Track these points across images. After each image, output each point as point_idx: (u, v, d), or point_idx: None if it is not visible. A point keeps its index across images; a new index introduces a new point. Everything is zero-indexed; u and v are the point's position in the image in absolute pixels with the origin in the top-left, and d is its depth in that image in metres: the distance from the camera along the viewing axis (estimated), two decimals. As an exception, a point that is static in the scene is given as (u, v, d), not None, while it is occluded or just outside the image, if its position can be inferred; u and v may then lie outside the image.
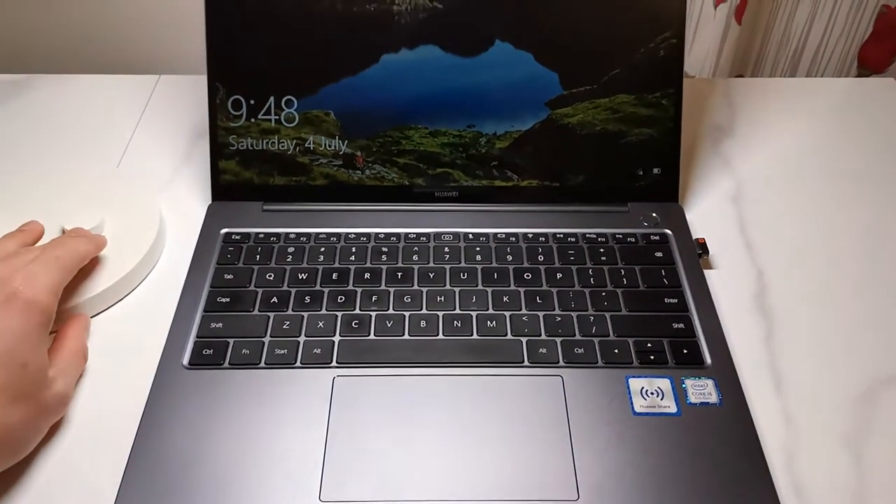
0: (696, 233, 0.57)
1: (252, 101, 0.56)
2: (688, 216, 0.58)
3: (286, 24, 0.55)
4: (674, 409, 0.45)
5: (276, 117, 0.57)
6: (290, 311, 0.50)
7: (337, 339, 0.49)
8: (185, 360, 0.47)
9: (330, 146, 0.57)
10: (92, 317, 0.51)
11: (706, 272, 0.54)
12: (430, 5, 0.55)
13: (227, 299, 0.51)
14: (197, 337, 0.49)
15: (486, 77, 0.56)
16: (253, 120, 0.57)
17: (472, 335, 0.49)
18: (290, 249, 0.54)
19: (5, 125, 0.66)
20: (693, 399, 0.46)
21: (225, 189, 0.57)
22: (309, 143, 0.57)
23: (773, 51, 0.90)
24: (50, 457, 0.44)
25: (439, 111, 0.57)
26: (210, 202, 0.58)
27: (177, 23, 0.79)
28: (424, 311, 0.50)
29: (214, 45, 0.56)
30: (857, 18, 0.87)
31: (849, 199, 0.61)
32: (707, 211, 0.60)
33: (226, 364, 0.47)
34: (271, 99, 0.56)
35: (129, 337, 0.50)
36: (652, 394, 0.46)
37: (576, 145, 0.57)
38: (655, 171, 0.58)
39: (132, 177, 0.60)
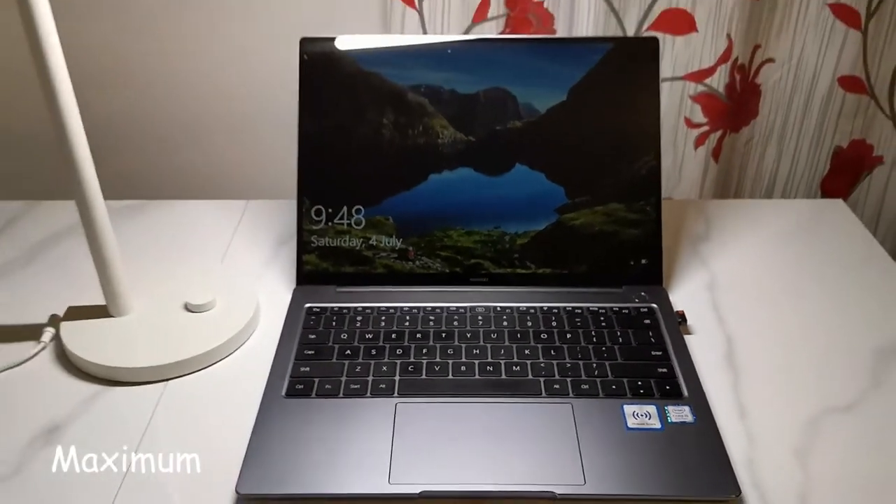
0: (677, 307, 0.72)
1: (330, 210, 0.74)
2: (671, 297, 0.73)
3: (358, 152, 0.74)
4: (658, 426, 0.59)
5: (348, 222, 0.74)
6: (360, 360, 0.65)
7: (397, 378, 0.63)
8: (283, 392, 0.62)
9: (388, 243, 0.74)
10: (208, 366, 0.66)
11: (685, 336, 0.68)
12: (465, 138, 0.74)
13: (312, 352, 0.66)
14: (290, 377, 0.63)
15: (508, 191, 0.74)
16: (330, 224, 0.74)
17: (501, 376, 0.63)
18: (359, 318, 0.70)
19: (132, 238, 0.82)
20: (673, 419, 0.59)
21: (307, 276, 0.74)
22: (372, 241, 0.74)
23: (749, 185, 1.08)
24: (186, 454, 0.58)
25: (473, 216, 0.74)
26: (295, 286, 0.74)
27: (259, 162, 0.99)
28: (464, 359, 0.65)
29: (303, 169, 0.74)
30: (816, 157, 1.05)
31: (801, 291, 0.76)
32: (687, 294, 0.75)
33: (313, 395, 0.62)
34: (344, 208, 0.74)
35: (239, 378, 0.65)
36: (641, 415, 0.60)
37: (580, 242, 0.74)
38: (643, 261, 0.74)
39: (233, 270, 0.77)
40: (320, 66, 0.73)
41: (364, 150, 0.74)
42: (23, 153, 1.00)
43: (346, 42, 0.73)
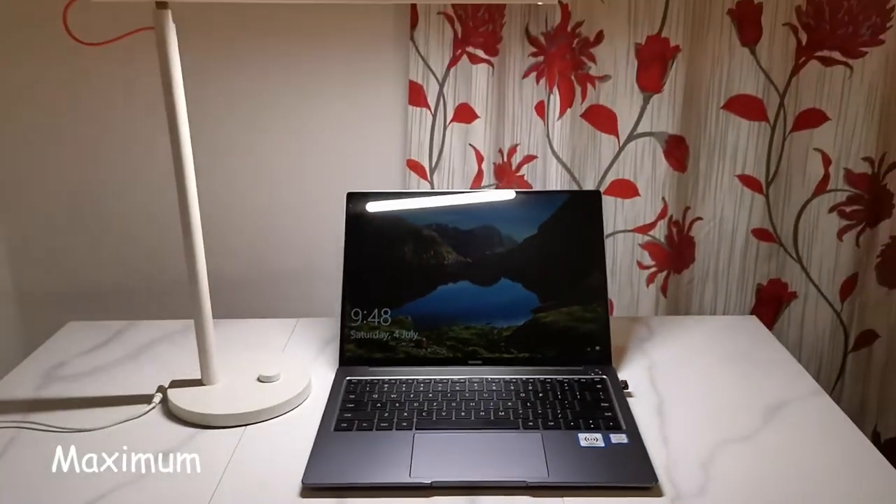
0: (622, 377, 0.96)
1: (364, 312, 1.01)
2: (618, 374, 0.98)
3: (386, 271, 1.01)
4: (603, 445, 0.82)
5: (378, 320, 1.00)
6: (388, 409, 0.89)
7: (415, 419, 0.87)
8: (332, 428, 0.86)
9: (408, 336, 1.00)
10: (275, 416, 0.90)
11: (627, 398, 0.93)
12: (464, 260, 1.02)
13: (352, 405, 0.90)
14: (337, 420, 0.87)
15: (496, 297, 1.01)
16: (364, 322, 1.00)
17: (490, 417, 0.87)
18: (387, 385, 0.94)
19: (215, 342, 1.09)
20: (614, 441, 0.83)
21: (347, 360, 0.99)
22: (396, 334, 1.00)
23: (695, 315, 1.34)
24: (263, 465, 0.81)
25: (470, 315, 1.00)
26: (338, 367, 0.99)
27: (306, 290, 1.28)
28: (463, 408, 0.89)
29: (346, 283, 1.01)
30: (744, 293, 1.32)
31: (716, 371, 1.00)
32: (631, 373, 0.99)
33: (354, 430, 0.85)
34: (375, 310, 1.01)
35: (299, 425, 0.89)
36: (591, 439, 0.83)
37: (550, 334, 1.00)
38: (597, 347, 0.99)
39: (291, 358, 1.03)
40: (360, 211, 1.03)
41: (390, 269, 1.02)
42: (131, 289, 1.30)
43: (379, 196, 1.04)
